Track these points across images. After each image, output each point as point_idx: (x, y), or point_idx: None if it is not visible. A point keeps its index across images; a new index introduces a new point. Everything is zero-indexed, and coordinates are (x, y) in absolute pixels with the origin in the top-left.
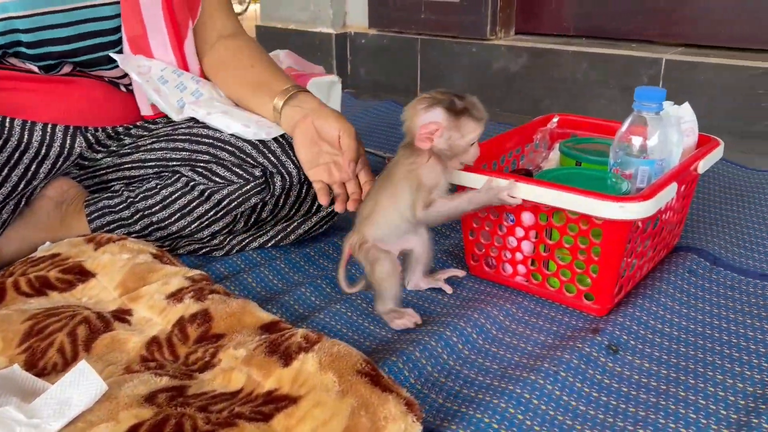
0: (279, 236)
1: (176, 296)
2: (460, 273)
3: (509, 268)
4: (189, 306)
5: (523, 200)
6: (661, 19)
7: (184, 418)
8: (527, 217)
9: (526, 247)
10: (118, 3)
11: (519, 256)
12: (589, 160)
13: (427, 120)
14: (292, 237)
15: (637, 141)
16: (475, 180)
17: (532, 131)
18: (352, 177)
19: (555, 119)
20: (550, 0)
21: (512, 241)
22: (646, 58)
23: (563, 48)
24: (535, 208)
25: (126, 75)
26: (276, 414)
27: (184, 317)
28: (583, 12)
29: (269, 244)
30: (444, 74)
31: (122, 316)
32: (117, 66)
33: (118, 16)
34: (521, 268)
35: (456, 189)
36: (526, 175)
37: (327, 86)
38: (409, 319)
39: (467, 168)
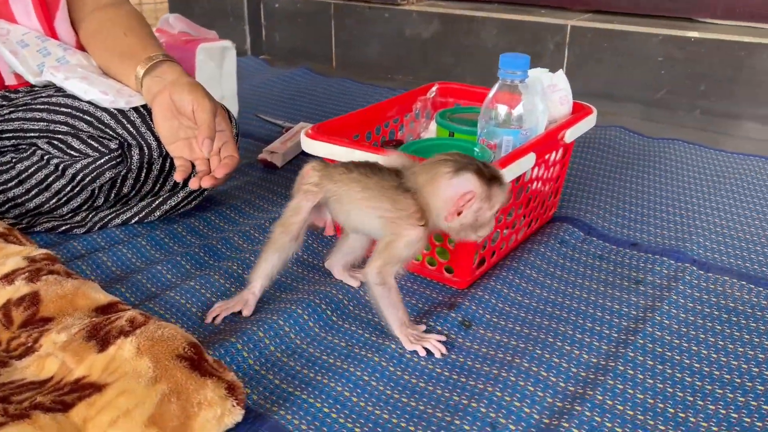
0: (143, 212)
1: (8, 278)
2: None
3: None
4: (19, 288)
5: None
6: None
7: None
8: None
9: None
10: None
11: None
12: (460, 130)
13: (460, 189)
14: (158, 213)
15: (502, 110)
16: (330, 150)
17: (412, 100)
18: (206, 155)
19: (434, 88)
20: None
21: None
22: (553, 25)
23: (474, 14)
24: None
25: None
26: (77, 403)
27: (11, 300)
28: None
29: (133, 221)
30: (358, 40)
31: None
32: None
33: None
34: None
35: None
36: (396, 146)
37: (219, 52)
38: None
39: (325, 137)
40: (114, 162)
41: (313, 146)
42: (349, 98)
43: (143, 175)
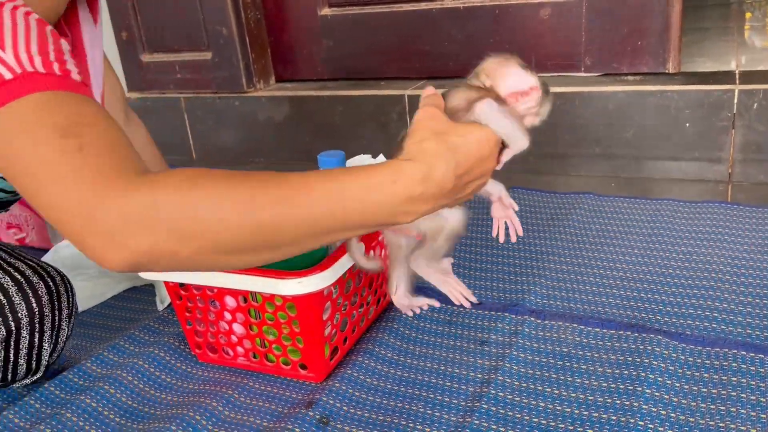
0: None
1: None
2: (436, 303)
3: (230, 351)
4: None
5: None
6: (399, 57)
7: None
8: (230, 301)
9: (238, 329)
10: None
11: (234, 338)
12: None
13: (526, 81)
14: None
15: None
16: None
17: None
18: None
19: None
20: (301, 46)
21: (224, 325)
22: (392, 96)
23: (320, 93)
24: (232, 290)
25: None
26: None
27: None
28: (332, 55)
29: None
30: (213, 129)
31: None
32: None
33: None
34: (240, 350)
35: None
36: None
37: None
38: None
39: None
40: None
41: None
42: None
43: None
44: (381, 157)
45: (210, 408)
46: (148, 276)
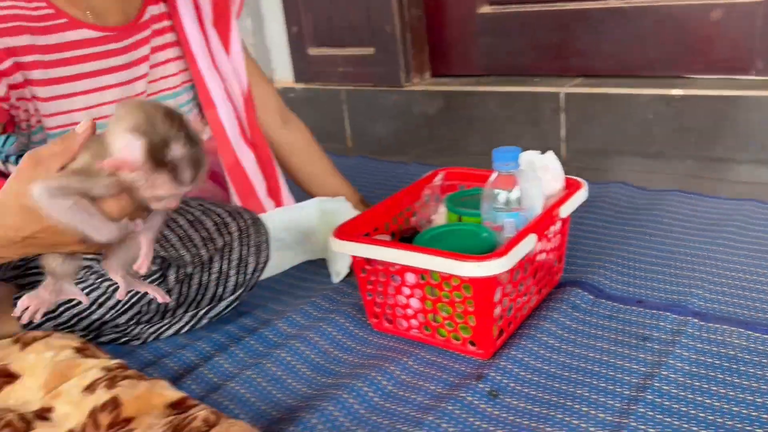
0: (192, 321)
1: (90, 388)
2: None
3: (404, 323)
4: (100, 396)
5: None
6: (557, 55)
7: None
8: (410, 277)
9: (414, 303)
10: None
11: (410, 311)
12: (468, 213)
13: (132, 152)
14: (204, 321)
15: (501, 195)
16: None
17: (421, 189)
18: None
19: (440, 176)
20: (458, 43)
21: (401, 299)
22: (547, 93)
23: (474, 89)
24: (414, 268)
25: None
26: None
27: (97, 407)
28: (489, 52)
29: (183, 331)
30: (369, 120)
31: (44, 414)
32: None
33: None
34: (414, 322)
35: None
36: (413, 234)
37: None
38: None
39: (351, 236)
40: (156, 281)
41: (342, 246)
42: (368, 174)
43: (184, 289)
44: (549, 154)
45: (389, 371)
46: (338, 249)
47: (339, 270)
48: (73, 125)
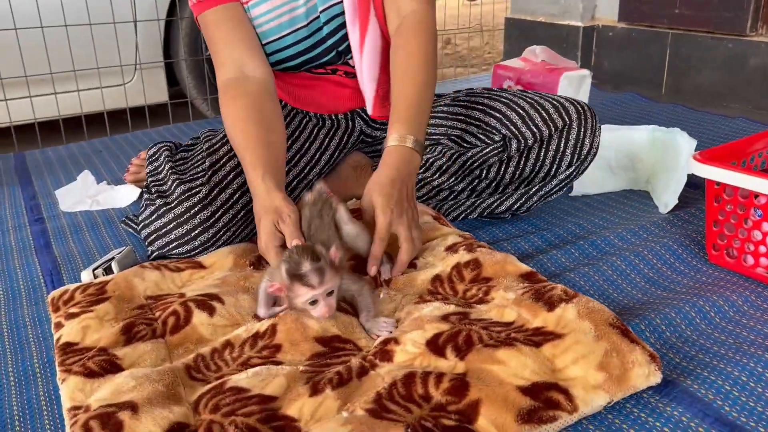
0: (523, 199)
1: (452, 248)
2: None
3: (751, 260)
4: (463, 255)
5: None
6: None
7: (472, 332)
8: None
9: None
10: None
11: (762, 248)
12: None
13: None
14: (535, 199)
15: None
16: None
17: None
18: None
19: None
20: None
21: (757, 235)
22: None
23: None
24: None
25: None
26: (544, 343)
27: (460, 263)
28: None
29: (514, 207)
30: (693, 68)
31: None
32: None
33: None
34: (764, 261)
35: None
36: None
37: (578, 80)
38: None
39: (719, 162)
40: (497, 150)
41: (708, 172)
42: (681, 124)
43: (521, 162)
44: None
45: (731, 299)
46: (701, 173)
47: (667, 201)
48: None
